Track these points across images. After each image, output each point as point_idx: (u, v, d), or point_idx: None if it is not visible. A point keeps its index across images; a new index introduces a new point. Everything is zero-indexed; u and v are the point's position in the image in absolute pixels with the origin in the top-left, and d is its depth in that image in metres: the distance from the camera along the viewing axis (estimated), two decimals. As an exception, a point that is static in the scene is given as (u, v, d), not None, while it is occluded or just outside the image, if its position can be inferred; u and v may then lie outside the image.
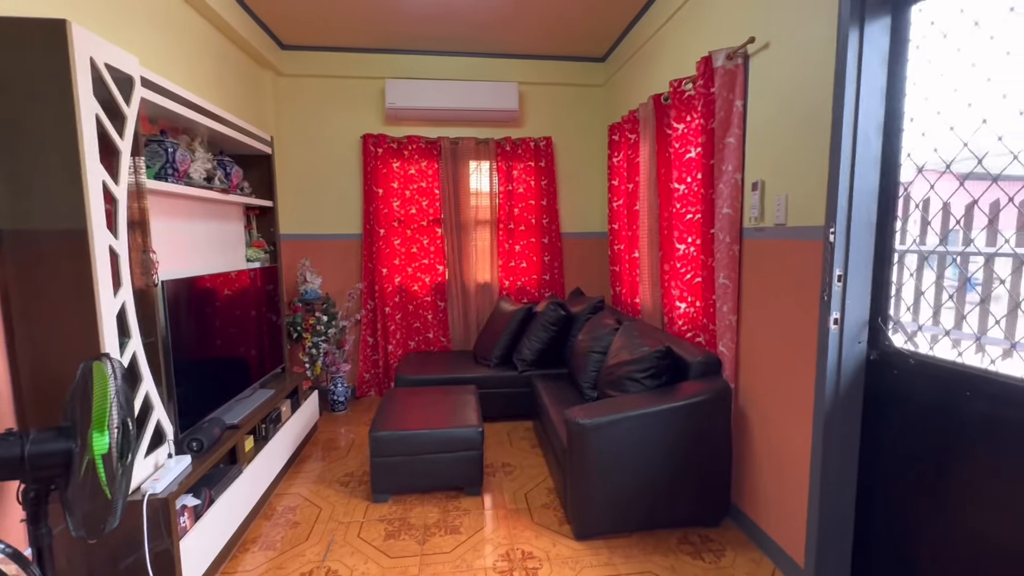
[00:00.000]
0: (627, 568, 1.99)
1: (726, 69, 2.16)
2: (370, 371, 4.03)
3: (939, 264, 1.55)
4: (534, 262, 4.17)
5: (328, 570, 1.99)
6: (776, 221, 1.96)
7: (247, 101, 3.33)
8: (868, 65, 1.59)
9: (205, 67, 2.78)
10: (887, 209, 1.64)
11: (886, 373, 1.66)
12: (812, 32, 1.74)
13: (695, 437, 2.13)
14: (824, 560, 1.78)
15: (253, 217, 3.19)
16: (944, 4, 1.46)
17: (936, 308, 1.54)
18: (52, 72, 1.44)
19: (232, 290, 2.55)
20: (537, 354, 3.46)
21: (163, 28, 2.38)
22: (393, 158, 3.94)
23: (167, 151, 2.09)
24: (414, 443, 2.46)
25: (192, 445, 1.94)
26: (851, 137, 1.61)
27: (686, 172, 2.58)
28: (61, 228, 1.50)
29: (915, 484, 1.56)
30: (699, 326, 2.51)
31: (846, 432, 1.73)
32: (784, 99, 1.91)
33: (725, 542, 2.15)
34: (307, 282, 3.71)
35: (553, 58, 3.97)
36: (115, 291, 1.61)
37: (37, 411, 1.56)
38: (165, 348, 1.91)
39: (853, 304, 1.68)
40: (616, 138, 3.61)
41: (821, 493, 1.76)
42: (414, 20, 3.26)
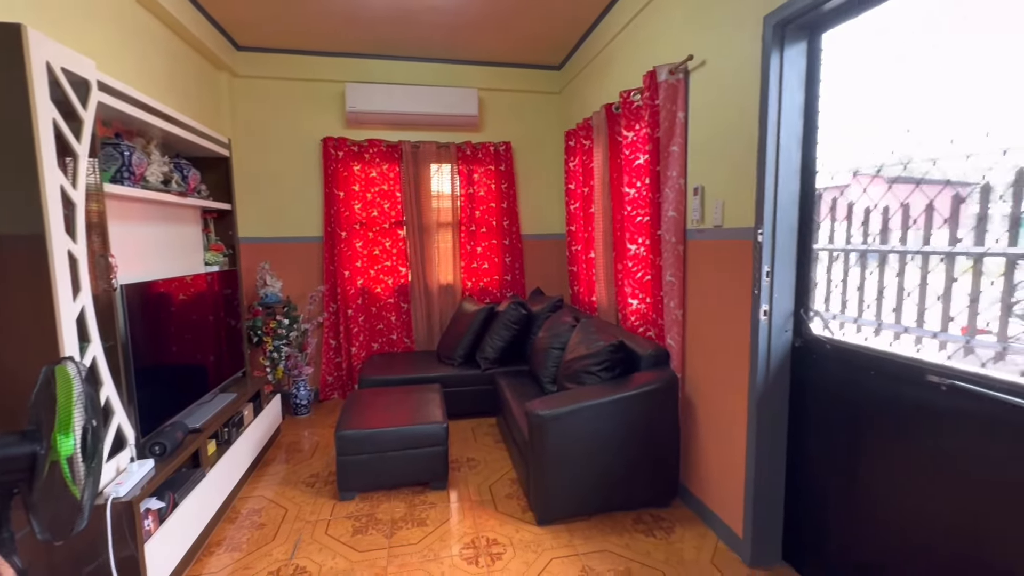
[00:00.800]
0: (586, 548, 2.12)
1: (669, 83, 2.34)
2: (333, 374, 4.02)
3: (844, 261, 1.76)
4: (496, 263, 4.28)
5: (296, 567, 2.03)
6: (715, 223, 2.15)
7: (203, 103, 3.29)
8: (788, 84, 1.79)
9: (159, 68, 2.74)
10: (807, 212, 1.85)
11: (808, 358, 1.86)
12: (742, 53, 1.93)
13: (646, 424, 2.29)
14: (759, 529, 1.98)
15: (211, 220, 3.15)
16: (847, 33, 1.67)
17: (844, 300, 1.75)
18: (7, 76, 1.43)
19: (191, 294, 2.53)
20: (499, 352, 3.57)
21: (116, 29, 2.35)
22: (354, 161, 3.96)
23: (123, 154, 2.08)
24: (380, 441, 2.51)
25: (155, 449, 1.93)
26: (775, 148, 1.81)
27: (636, 177, 2.75)
28: (19, 233, 1.49)
29: (832, 455, 1.77)
30: (649, 321, 2.68)
31: (776, 413, 1.93)
32: (719, 112, 2.10)
33: (675, 520, 2.32)
34: (267, 285, 3.68)
35: (512, 65, 4.09)
36: (74, 296, 1.61)
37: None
38: (125, 352, 1.90)
39: (780, 297, 1.88)
40: (572, 144, 3.77)
41: (756, 469, 1.95)
42: (373, 25, 3.31)
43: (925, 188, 1.47)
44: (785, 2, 1.69)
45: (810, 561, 1.90)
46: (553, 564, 2.02)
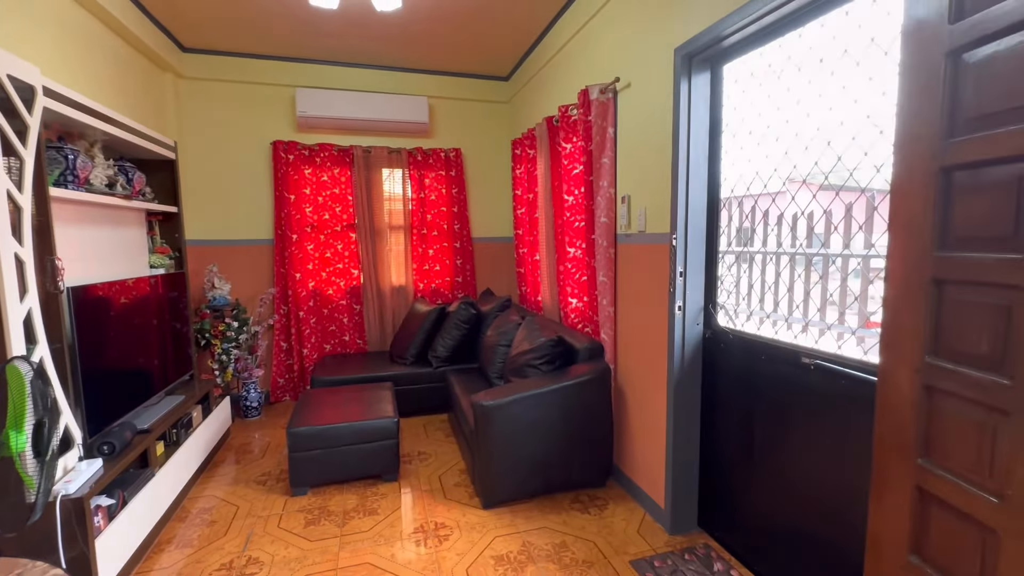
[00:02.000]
0: (527, 527, 2.31)
1: (600, 101, 2.58)
2: (284, 376, 4.04)
3: (748, 261, 2.04)
4: (447, 265, 4.43)
5: (249, 558, 2.10)
6: (639, 228, 2.40)
7: (148, 105, 3.26)
8: (695, 106, 2.05)
9: (102, 71, 2.72)
10: (713, 219, 2.12)
11: (716, 347, 2.13)
12: (659, 78, 2.18)
13: (582, 411, 2.50)
14: (678, 500, 2.23)
15: (156, 223, 3.13)
16: (741, 66, 1.94)
17: (740, 295, 2.03)
18: (-46, 84, 1.47)
19: (137, 297, 2.54)
20: (451, 350, 3.71)
21: (59, 32, 2.34)
22: (305, 165, 4.00)
23: (67, 158, 2.09)
24: (332, 436, 2.61)
25: (104, 448, 1.96)
26: (685, 163, 2.07)
27: (574, 185, 2.99)
28: (-37, 236, 1.52)
29: (736, 431, 2.04)
30: (587, 318, 2.92)
31: (690, 395, 2.19)
32: (642, 129, 2.35)
33: (608, 498, 2.55)
34: (215, 288, 3.67)
35: (461, 75, 4.26)
36: (21, 298, 1.64)
37: (-66, 419, 1.55)
38: (72, 354, 1.93)
39: (692, 294, 2.14)
40: (518, 152, 3.98)
41: (673, 446, 2.20)
42: (322, 32, 3.39)
43: (820, 197, 1.75)
44: (690, 38, 1.95)
45: (721, 526, 2.17)
46: (496, 541, 2.20)
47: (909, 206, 1.07)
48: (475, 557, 2.09)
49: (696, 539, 2.21)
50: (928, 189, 1.03)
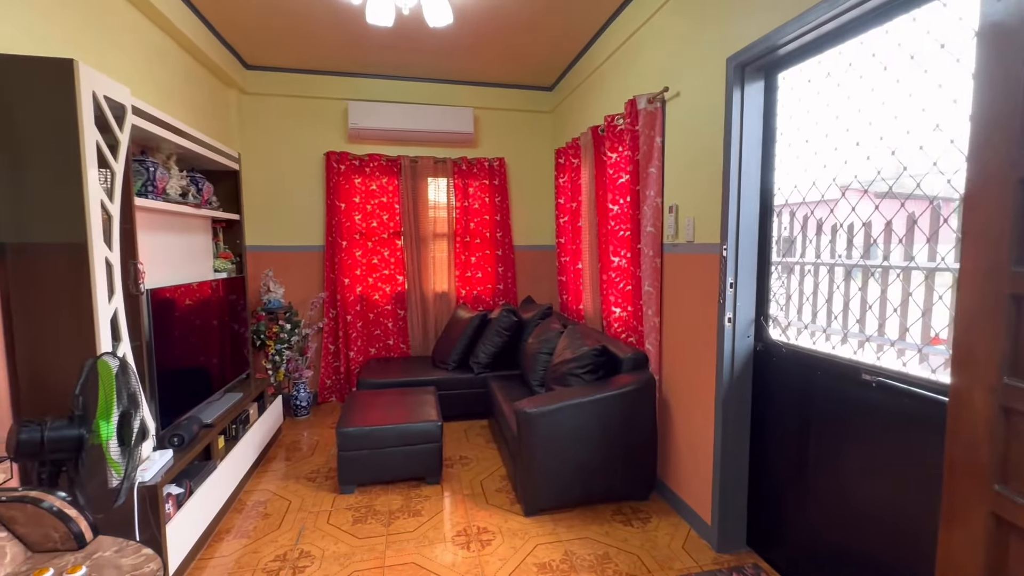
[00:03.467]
0: (568, 536, 2.31)
1: (648, 111, 2.58)
2: (331, 377, 4.19)
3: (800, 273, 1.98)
4: (489, 273, 4.49)
5: (301, 552, 2.20)
6: (687, 239, 2.37)
7: (214, 119, 3.49)
8: (748, 116, 2.02)
9: (176, 88, 2.94)
10: (766, 229, 2.07)
11: (768, 360, 2.08)
12: (710, 88, 2.17)
13: (625, 422, 2.48)
14: (725, 518, 2.17)
15: (220, 229, 3.34)
16: (798, 74, 1.90)
17: (793, 308, 1.98)
18: (63, 105, 1.63)
19: (203, 299, 2.71)
20: (492, 357, 3.76)
21: (139, 53, 2.56)
22: (355, 174, 4.17)
23: (148, 170, 2.27)
24: (378, 437, 2.69)
25: (174, 440, 2.10)
26: (737, 172, 2.04)
27: (619, 195, 2.98)
28: (63, 241, 1.68)
29: (788, 448, 1.98)
30: (631, 328, 2.89)
31: (739, 410, 2.14)
32: (691, 139, 2.33)
33: (652, 511, 2.52)
34: (270, 292, 3.86)
35: (506, 86, 4.34)
36: (110, 298, 1.79)
37: (33, 405, 1.71)
38: (149, 351, 2.08)
39: (743, 305, 2.10)
40: (562, 161, 4.01)
41: (721, 462, 2.15)
42: (375, 48, 3.54)
43: (881, 207, 1.70)
44: (744, 47, 1.92)
45: (771, 546, 2.10)
46: (538, 549, 2.20)
47: (984, 218, 1.02)
48: (517, 563, 2.11)
49: (744, 558, 2.14)
50: (1006, 201, 0.98)
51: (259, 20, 3.10)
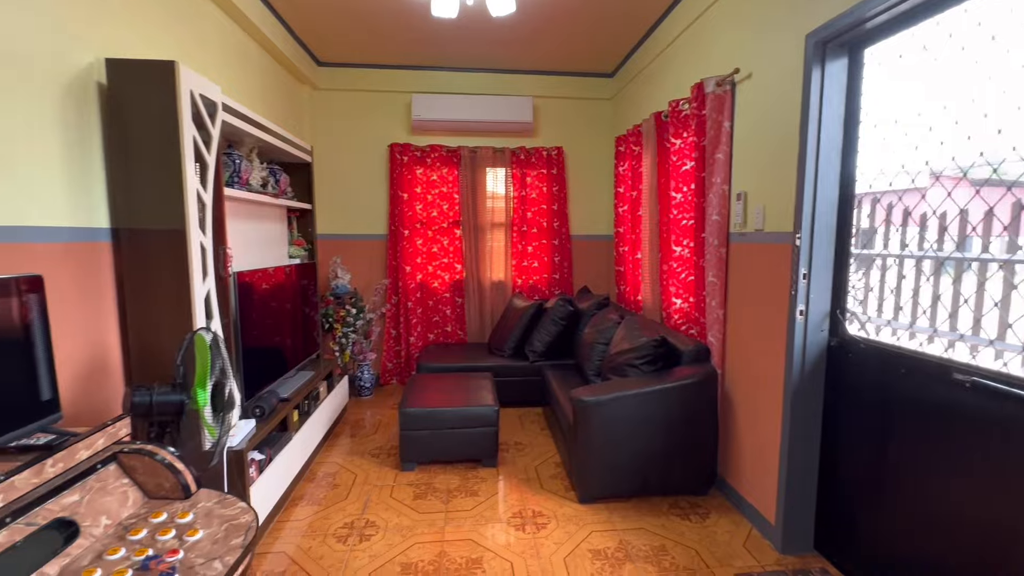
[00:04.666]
0: (624, 525, 2.30)
1: (716, 94, 2.47)
2: (393, 360, 4.38)
3: (881, 265, 1.85)
4: (545, 262, 4.50)
5: (367, 521, 2.33)
6: (756, 227, 2.27)
7: (290, 114, 3.71)
8: (829, 96, 1.90)
9: (255, 84, 3.15)
10: (845, 217, 1.95)
11: (843, 357, 1.96)
12: (786, 67, 2.05)
13: (685, 415, 2.43)
14: (791, 518, 2.09)
15: (294, 218, 3.56)
16: (887, 49, 1.76)
17: (873, 301, 1.85)
18: (165, 103, 1.80)
19: (279, 283, 2.91)
20: (547, 346, 3.78)
21: (223, 51, 2.76)
22: (417, 165, 4.29)
23: (234, 162, 2.46)
24: (438, 418, 2.79)
25: (256, 411, 2.29)
26: (814, 157, 1.92)
27: (682, 182, 2.89)
28: (165, 228, 1.86)
29: (865, 450, 1.86)
30: (692, 319, 2.82)
31: (810, 407, 2.04)
32: (763, 122, 2.22)
33: (710, 507, 2.46)
34: (338, 278, 4.08)
35: (565, 74, 4.30)
36: (203, 279, 1.97)
37: (140, 373, 1.92)
38: (235, 328, 2.27)
39: (816, 298, 1.99)
40: (622, 149, 3.93)
41: (789, 461, 2.06)
42: (440, 40, 3.61)
43: (983, 193, 1.56)
44: (826, 22, 1.80)
45: (841, 551, 2.00)
46: (593, 536, 2.22)
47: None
48: (572, 548, 2.13)
49: (811, 562, 2.05)
50: None
51: (331, 18, 3.25)
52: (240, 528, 1.09)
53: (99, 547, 1.02)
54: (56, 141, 1.64)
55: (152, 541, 1.05)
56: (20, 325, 1.15)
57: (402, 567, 2.01)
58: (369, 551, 2.11)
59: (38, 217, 1.56)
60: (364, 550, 2.12)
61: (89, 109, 1.78)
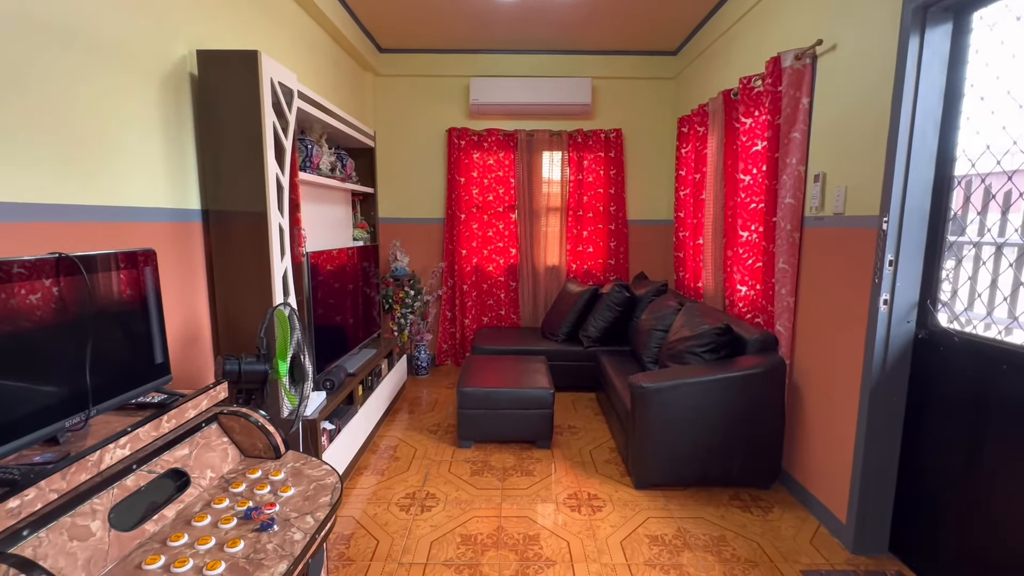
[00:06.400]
0: (681, 514, 2.27)
1: (794, 69, 2.33)
2: (448, 342, 4.49)
3: (979, 253, 1.69)
4: (600, 247, 4.44)
5: (428, 493, 2.43)
6: (835, 211, 2.13)
7: (354, 100, 3.83)
8: (928, 67, 1.74)
9: (324, 71, 3.27)
10: (941, 200, 1.79)
11: (932, 350, 1.82)
12: (877, 37, 1.89)
13: (749, 406, 2.35)
14: (865, 518, 1.98)
15: (358, 202, 3.69)
16: (1002, 12, 1.59)
17: (972, 292, 1.70)
18: (249, 91, 1.91)
19: (344, 264, 3.04)
20: (602, 332, 3.75)
21: (294, 40, 2.87)
22: (474, 149, 4.33)
23: (307, 147, 2.58)
24: (495, 399, 2.85)
25: (326, 384, 2.43)
26: (907, 134, 1.78)
27: (751, 164, 2.76)
28: (249, 210, 1.99)
29: (955, 450, 1.74)
30: (758, 308, 2.70)
31: (892, 402, 1.92)
32: (848, 98, 2.07)
33: (774, 501, 2.38)
34: (397, 260, 4.20)
35: (626, 53, 4.17)
36: (282, 258, 2.09)
37: (226, 343, 2.08)
38: (308, 305, 2.40)
39: (903, 287, 1.85)
40: (685, 130, 3.78)
41: (865, 458, 1.96)
42: (500, 24, 3.60)
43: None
44: (929, -16, 1.65)
45: (920, 555, 1.88)
46: (650, 522, 2.21)
47: None
48: (629, 532, 2.13)
49: (886, 564, 1.95)
50: None
51: (395, 4, 3.30)
52: (327, 488, 1.18)
53: (207, 496, 1.13)
54: (158, 129, 1.78)
55: (251, 494, 1.15)
56: (139, 294, 1.28)
57: (462, 538, 2.08)
58: (430, 521, 2.20)
59: (146, 198, 1.71)
60: (426, 520, 2.21)
61: (183, 98, 1.92)
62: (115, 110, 1.59)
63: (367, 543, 2.05)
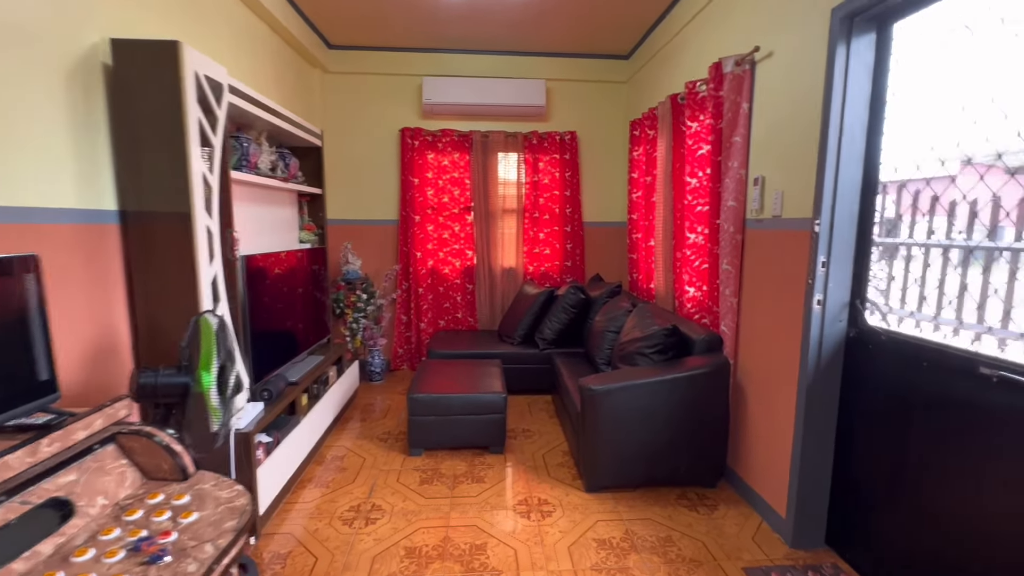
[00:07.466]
0: (630, 515, 2.28)
1: (734, 74, 2.37)
2: (403, 346, 4.39)
3: (906, 254, 1.76)
4: (557, 249, 4.44)
5: (373, 505, 2.35)
6: (773, 213, 2.19)
7: (300, 98, 3.69)
8: (854, 75, 1.80)
9: (266, 67, 3.13)
10: (868, 204, 1.86)
11: (862, 348, 1.89)
12: (809, 44, 1.95)
13: (695, 406, 2.38)
14: (802, 512, 2.04)
15: (304, 203, 3.55)
16: (919, 22, 1.66)
17: (896, 291, 1.76)
18: (168, 84, 1.78)
19: (289, 267, 2.92)
20: (557, 334, 3.74)
21: (233, 34, 2.73)
22: (428, 150, 4.25)
23: (242, 145, 2.45)
24: (446, 405, 2.79)
25: (264, 394, 2.31)
26: (837, 139, 1.83)
27: (698, 167, 2.80)
28: (171, 210, 1.86)
29: (883, 445, 1.80)
30: (705, 308, 2.75)
31: (826, 400, 1.97)
32: (784, 103, 2.12)
33: (719, 499, 2.42)
34: (349, 263, 4.08)
35: (580, 56, 4.19)
36: (210, 262, 1.97)
37: (148, 354, 1.94)
38: (243, 312, 2.28)
39: (835, 287, 1.91)
40: (637, 133, 3.83)
41: (802, 454, 2.01)
42: (451, 21, 3.54)
43: (1020, 179, 1.47)
44: (853, -6, 1.70)
45: (854, 547, 1.95)
46: (599, 525, 2.20)
47: None
48: (577, 537, 2.12)
49: (823, 557, 2.00)
50: None
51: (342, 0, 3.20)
52: (235, 511, 1.09)
53: (94, 527, 1.02)
54: (65, 123, 1.63)
55: (147, 522, 1.06)
56: (17, 305, 1.16)
57: (406, 551, 2.01)
58: (374, 534, 2.12)
59: (44, 198, 1.57)
60: (369, 533, 2.13)
61: (95, 90, 1.77)
62: (12, 101, 1.45)
63: (304, 561, 1.96)
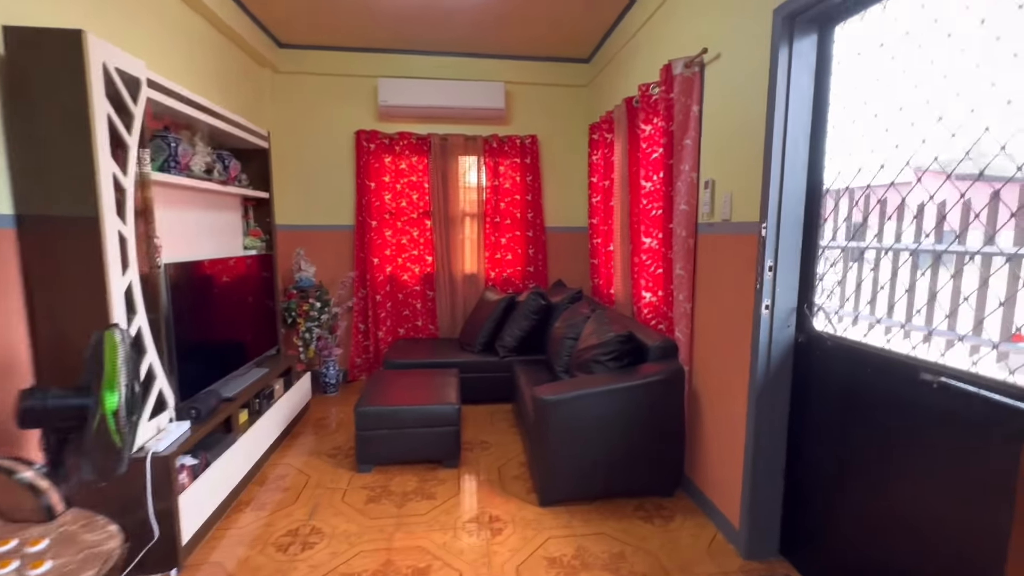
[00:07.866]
0: (584, 530, 2.19)
1: (684, 76, 2.34)
2: (361, 356, 4.23)
3: (844, 258, 1.74)
4: (519, 254, 4.37)
5: (312, 528, 2.20)
6: (723, 217, 2.15)
7: (246, 98, 3.52)
8: (797, 77, 1.78)
9: (206, 66, 2.96)
10: (813, 208, 1.83)
11: (810, 354, 1.86)
12: (754, 46, 1.92)
13: (651, 414, 2.32)
14: (755, 522, 1.99)
15: (251, 208, 3.38)
16: (860, 26, 1.64)
17: (843, 296, 1.74)
18: (70, 77, 1.63)
19: (230, 275, 2.75)
20: (518, 341, 3.66)
21: (164, 30, 2.57)
22: (385, 153, 4.12)
23: (170, 145, 2.29)
24: (397, 418, 2.66)
25: (191, 412, 2.14)
26: (781, 141, 1.80)
27: (652, 171, 2.77)
28: (76, 215, 1.70)
29: (831, 452, 1.76)
30: (661, 314, 2.70)
31: (776, 406, 1.94)
32: (731, 106, 2.09)
33: (676, 509, 2.36)
34: (302, 270, 3.91)
35: (540, 59, 4.14)
36: (123, 271, 1.81)
37: (53, 373, 1.76)
38: (167, 324, 2.11)
39: (783, 292, 1.88)
40: (595, 137, 3.79)
41: (753, 462, 1.96)
42: (405, 22, 3.44)
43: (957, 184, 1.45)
44: (793, -5, 1.68)
45: (807, 555, 1.91)
46: (550, 542, 2.11)
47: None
48: (527, 556, 2.02)
49: (776, 567, 1.96)
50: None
51: (285, -6, 3.06)
52: (98, 557, 0.96)
53: (-75, 584, 0.88)
54: (-60, 117, 1.47)
55: (-7, 575, 0.92)
56: None
57: (343, 578, 1.88)
58: (310, 561, 1.98)
59: (-85, 201, 1.40)
60: (305, 560, 1.99)
61: (-15, 83, 1.61)
62: None
63: (229, 595, 1.80)
